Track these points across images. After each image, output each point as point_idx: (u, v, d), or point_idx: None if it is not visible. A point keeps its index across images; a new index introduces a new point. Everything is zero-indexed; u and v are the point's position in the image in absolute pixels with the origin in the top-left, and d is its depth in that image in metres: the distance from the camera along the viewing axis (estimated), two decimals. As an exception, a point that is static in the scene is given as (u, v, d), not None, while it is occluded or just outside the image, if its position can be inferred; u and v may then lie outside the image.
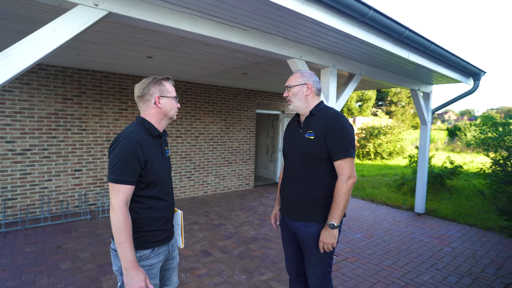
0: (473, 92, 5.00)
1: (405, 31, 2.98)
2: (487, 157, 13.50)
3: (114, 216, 1.31)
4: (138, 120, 1.50)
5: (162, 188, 1.49)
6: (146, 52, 3.64)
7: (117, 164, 1.33)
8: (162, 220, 1.50)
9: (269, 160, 8.46)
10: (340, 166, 1.65)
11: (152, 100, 1.48)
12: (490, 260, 3.59)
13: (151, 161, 1.41)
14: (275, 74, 4.94)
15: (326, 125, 1.69)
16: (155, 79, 1.49)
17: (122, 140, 1.36)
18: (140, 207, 1.43)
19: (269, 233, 4.26)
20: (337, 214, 1.62)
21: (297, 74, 1.83)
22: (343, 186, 1.62)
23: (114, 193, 1.32)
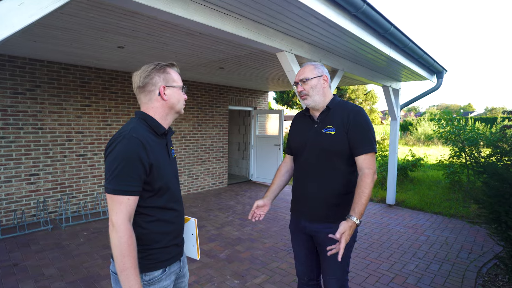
0: (437, 89, 5.33)
1: (391, 28, 3.02)
2: (436, 149, 14.65)
3: (115, 235, 1.06)
4: (139, 115, 1.25)
5: (171, 195, 1.26)
6: (118, 41, 3.28)
7: (116, 170, 1.08)
8: (172, 234, 1.27)
9: (241, 158, 8.32)
10: (364, 160, 1.57)
11: (156, 91, 1.24)
12: (461, 246, 3.85)
13: (158, 164, 1.18)
14: (252, 69, 4.80)
15: (348, 119, 1.59)
16: (158, 65, 1.26)
17: (121, 141, 1.11)
18: (147, 221, 1.19)
19: (253, 232, 4.14)
20: (362, 209, 1.49)
21: (310, 66, 1.70)
22: (368, 181, 1.53)
23: (114, 207, 1.07)
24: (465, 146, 6.33)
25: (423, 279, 2.97)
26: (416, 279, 2.96)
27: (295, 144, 1.79)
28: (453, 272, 3.13)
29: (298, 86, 1.69)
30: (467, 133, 6.41)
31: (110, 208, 1.09)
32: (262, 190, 6.75)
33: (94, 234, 3.96)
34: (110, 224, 1.09)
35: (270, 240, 3.89)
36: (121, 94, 5.12)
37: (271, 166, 7.36)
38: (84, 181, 4.79)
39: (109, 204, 1.10)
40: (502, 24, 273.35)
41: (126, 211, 1.09)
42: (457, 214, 5.12)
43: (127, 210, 1.09)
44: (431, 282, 2.91)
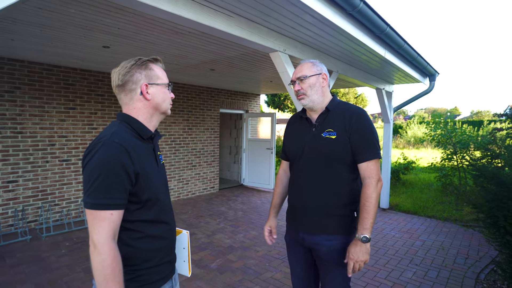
0: (429, 92, 5.31)
1: (387, 28, 2.95)
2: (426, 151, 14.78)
3: (97, 258, 0.91)
4: (121, 118, 1.10)
5: (161, 207, 1.11)
6: (103, 40, 3.11)
7: (96, 182, 0.93)
8: (164, 250, 1.12)
9: (233, 162, 8.17)
10: (368, 168, 1.44)
11: (138, 90, 1.09)
12: (457, 251, 3.78)
13: (145, 173, 1.03)
14: (245, 71, 4.68)
15: (350, 122, 1.47)
16: (139, 60, 1.11)
17: (100, 148, 0.96)
18: (134, 238, 1.03)
19: (246, 240, 3.99)
20: (369, 224, 1.40)
21: (308, 63, 1.57)
22: (374, 191, 1.41)
23: (95, 224, 0.93)
24: (456, 149, 6.34)
25: (422, 287, 2.87)
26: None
27: (291, 149, 1.65)
28: (451, 279, 3.04)
29: (295, 85, 1.56)
30: (458, 135, 6.43)
31: (90, 226, 0.94)
32: (255, 195, 6.61)
33: (77, 244, 3.74)
34: (91, 245, 0.93)
35: (263, 248, 3.74)
36: (107, 96, 4.92)
37: (263, 170, 7.23)
38: (68, 187, 4.56)
39: (89, 221, 0.94)
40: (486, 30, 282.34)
41: (110, 229, 0.93)
42: (451, 218, 5.08)
43: (111, 227, 0.94)
44: (431, 291, 2.81)
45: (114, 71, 1.11)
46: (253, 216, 5.06)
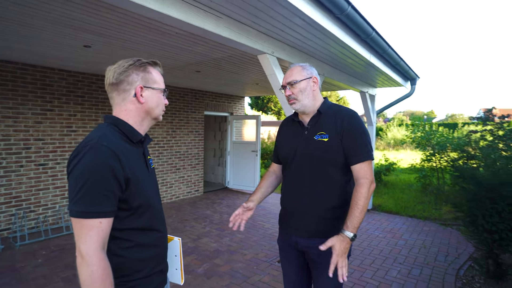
0: (411, 95, 5.49)
1: (372, 32, 3.01)
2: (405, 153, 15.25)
3: (85, 270, 0.85)
4: (110, 120, 1.05)
5: (153, 213, 1.06)
6: (84, 40, 2.99)
7: (83, 188, 0.87)
8: (156, 260, 1.07)
9: (217, 164, 8.09)
10: (361, 169, 1.45)
11: (132, 91, 1.05)
12: (438, 249, 3.90)
13: (135, 178, 0.98)
14: (231, 73, 4.65)
15: (342, 125, 1.47)
16: (138, 61, 1.07)
17: (88, 152, 0.90)
18: (124, 247, 0.98)
19: (232, 243, 3.94)
20: (358, 223, 1.39)
21: (298, 67, 1.56)
22: (366, 191, 1.40)
23: (83, 234, 0.87)
24: (435, 150, 6.58)
25: (407, 285, 2.94)
26: (400, 286, 2.92)
27: (283, 152, 1.63)
28: (433, 277, 3.13)
29: (286, 90, 1.55)
30: (436, 138, 6.68)
31: (77, 235, 0.88)
32: (240, 198, 6.56)
33: (55, 252, 3.56)
34: (78, 256, 0.87)
35: (250, 251, 3.71)
36: (88, 98, 4.74)
37: (248, 172, 7.20)
38: (44, 193, 4.34)
39: (75, 230, 0.88)
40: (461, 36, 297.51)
41: (98, 238, 0.88)
42: (431, 217, 5.26)
43: (100, 236, 0.88)
44: (415, 289, 2.88)
45: (109, 68, 1.07)
46: (239, 219, 5.01)
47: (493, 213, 2.88)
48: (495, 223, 2.86)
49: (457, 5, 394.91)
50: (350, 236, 1.37)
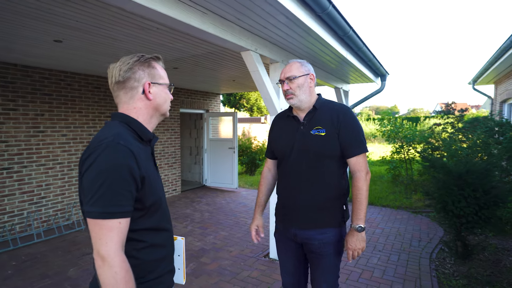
0: (381, 91, 5.75)
1: (350, 31, 3.12)
2: (373, 146, 15.97)
3: (108, 272, 0.82)
4: (119, 118, 1.01)
5: (163, 212, 1.05)
6: (55, 34, 2.80)
7: (101, 188, 0.85)
8: (166, 259, 1.06)
9: (194, 162, 7.97)
10: (357, 162, 1.52)
11: (140, 88, 1.02)
12: (411, 235, 4.16)
13: (148, 176, 0.96)
14: (209, 69, 4.59)
15: (338, 119, 1.53)
16: (142, 57, 1.04)
17: (104, 150, 0.87)
18: (138, 248, 0.96)
19: (216, 241, 3.93)
20: (363, 214, 1.50)
21: (296, 63, 1.61)
22: (364, 183, 1.50)
23: (103, 235, 0.84)
24: (403, 143, 6.97)
25: (387, 271, 3.11)
26: (381, 272, 3.09)
27: (280, 147, 1.66)
28: (410, 261, 3.34)
29: (284, 85, 1.59)
30: (404, 131, 7.07)
31: (96, 238, 0.85)
32: (219, 195, 6.53)
33: (27, 262, 3.34)
34: (97, 259, 0.84)
35: (235, 247, 3.72)
36: (56, 96, 4.45)
37: (226, 169, 7.18)
38: (10, 199, 4.04)
39: (94, 232, 0.85)
40: (419, 34, 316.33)
41: (118, 239, 0.85)
42: (402, 206, 5.58)
43: (119, 237, 0.86)
44: (395, 273, 3.06)
45: (113, 66, 1.03)
46: (220, 217, 5.00)
47: (460, 199, 3.12)
48: (463, 208, 3.11)
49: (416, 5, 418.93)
50: (356, 228, 1.51)
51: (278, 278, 2.94)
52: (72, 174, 4.67)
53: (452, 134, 6.37)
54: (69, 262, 3.30)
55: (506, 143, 4.63)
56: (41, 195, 4.32)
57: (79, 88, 4.72)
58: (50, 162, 4.41)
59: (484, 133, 5.16)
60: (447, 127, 6.79)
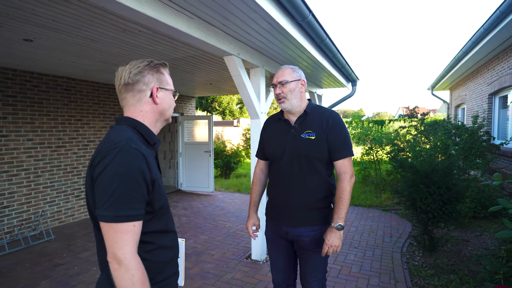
0: (352, 95, 6.05)
1: (326, 38, 3.29)
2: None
3: (125, 275, 0.83)
4: (127, 122, 1.02)
5: (169, 215, 1.08)
6: (26, 32, 2.66)
7: (116, 191, 0.85)
8: (173, 261, 1.09)
9: (168, 167, 7.81)
10: (343, 165, 1.61)
11: (148, 92, 1.04)
12: (383, 231, 4.42)
13: (158, 180, 0.99)
14: (187, 73, 4.57)
15: (327, 124, 1.62)
16: (151, 62, 1.06)
17: (118, 154, 0.88)
18: (148, 250, 0.98)
19: (197, 245, 3.90)
20: (344, 213, 1.59)
21: (288, 69, 1.69)
22: (348, 184, 1.59)
23: (118, 239, 0.85)
24: (372, 145, 7.36)
25: (364, 266, 3.29)
26: (359, 267, 3.25)
27: (271, 150, 1.74)
28: (384, 256, 3.56)
29: (276, 89, 1.67)
30: (373, 133, 7.48)
31: (111, 241, 0.85)
32: (195, 199, 6.46)
33: None
34: (113, 262, 0.85)
35: (217, 250, 3.72)
36: (21, 98, 4.18)
37: (202, 173, 7.12)
38: (-31, 209, 3.71)
39: (108, 236, 0.85)
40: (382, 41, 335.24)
41: (133, 242, 0.87)
42: (373, 204, 5.89)
43: (134, 240, 0.87)
44: (371, 268, 3.24)
45: (122, 69, 1.04)
46: (198, 221, 4.96)
47: (427, 196, 3.39)
48: (429, 204, 3.38)
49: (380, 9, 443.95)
50: (335, 226, 1.58)
51: (262, 279, 2.99)
52: (39, 181, 4.39)
53: (415, 136, 6.85)
54: (40, 275, 3.11)
55: (463, 144, 5.09)
56: (4, 204, 4.02)
57: (47, 89, 4.46)
58: (14, 169, 4.12)
59: (444, 135, 5.63)
60: (411, 130, 7.30)
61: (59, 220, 4.69)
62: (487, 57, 5.46)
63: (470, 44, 4.96)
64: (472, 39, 4.78)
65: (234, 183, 8.13)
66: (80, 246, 3.85)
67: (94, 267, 3.28)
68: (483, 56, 5.35)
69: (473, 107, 7.01)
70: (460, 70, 6.70)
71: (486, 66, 5.94)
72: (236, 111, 27.12)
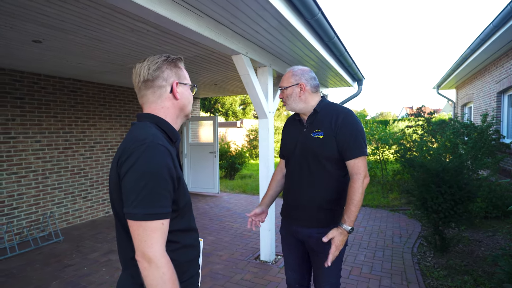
0: (358, 95, 6.01)
1: (334, 37, 3.26)
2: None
3: (156, 273, 0.82)
4: (149, 119, 1.00)
5: (191, 213, 1.07)
6: (34, 34, 2.66)
7: (145, 189, 0.84)
8: (196, 260, 1.07)
9: (173, 168, 7.80)
10: (355, 165, 1.52)
11: (168, 88, 1.02)
12: (392, 232, 4.37)
13: (182, 177, 0.97)
14: (192, 73, 4.56)
15: (336, 122, 1.56)
16: (169, 57, 1.04)
17: (145, 151, 0.87)
18: (173, 249, 0.95)
19: (205, 246, 3.88)
20: (354, 216, 1.48)
21: (289, 73, 1.69)
22: (360, 186, 1.49)
23: (148, 237, 0.83)
24: (378, 144, 7.30)
25: (375, 266, 3.24)
26: (369, 268, 3.21)
27: (286, 148, 1.75)
28: (394, 256, 3.51)
29: (280, 93, 1.71)
30: (379, 133, 7.42)
31: (140, 240, 0.84)
32: (201, 201, 6.45)
33: (1, 278, 3.10)
34: (142, 261, 0.83)
35: (225, 251, 3.70)
36: (29, 100, 4.20)
37: (207, 174, 7.10)
38: (-22, 211, 3.73)
39: (137, 234, 0.84)
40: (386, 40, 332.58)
41: (163, 240, 0.86)
42: (380, 205, 5.83)
43: (163, 238, 0.86)
44: (382, 268, 3.19)
45: (140, 65, 1.02)
46: (205, 222, 4.94)
47: (438, 195, 3.34)
48: (440, 204, 3.33)
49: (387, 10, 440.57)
50: (347, 229, 1.49)
51: (272, 280, 2.96)
52: (47, 182, 4.40)
53: (422, 135, 6.78)
54: (50, 276, 3.10)
55: (472, 143, 5.02)
56: (13, 205, 4.03)
57: (54, 91, 4.48)
58: (23, 170, 4.13)
59: (453, 134, 5.56)
60: (417, 129, 7.22)
61: (67, 221, 4.69)
62: (496, 55, 5.39)
63: (478, 41, 4.90)
64: (480, 36, 4.72)
65: (239, 184, 8.11)
66: (89, 247, 3.84)
67: (103, 268, 3.27)
68: (492, 53, 5.28)
69: (480, 106, 6.93)
70: (467, 68, 6.63)
71: (494, 64, 5.87)
72: (239, 112, 27.13)
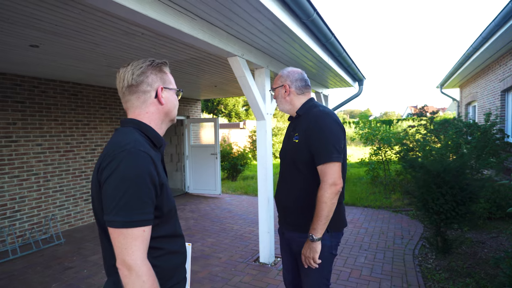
0: (359, 95, 5.97)
1: (331, 37, 3.23)
2: (350, 148, 16.43)
3: (135, 281, 0.81)
4: (133, 124, 0.99)
5: (176, 219, 1.05)
6: (30, 38, 2.68)
7: (125, 196, 0.83)
8: (182, 266, 1.06)
9: (175, 170, 7.82)
10: (321, 171, 1.44)
11: (153, 93, 1.01)
12: (394, 233, 4.32)
13: (165, 183, 0.96)
14: (191, 75, 4.56)
15: (308, 125, 1.52)
16: (153, 62, 1.03)
17: (126, 157, 0.86)
18: (156, 256, 0.94)
19: (204, 248, 3.87)
20: (318, 225, 1.42)
21: (278, 75, 1.72)
22: (323, 194, 1.40)
23: (128, 245, 0.82)
24: (381, 145, 7.24)
25: (375, 268, 3.21)
26: (369, 270, 3.17)
27: (280, 152, 1.77)
28: (395, 258, 3.47)
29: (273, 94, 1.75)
30: (381, 133, 7.36)
31: (120, 247, 0.82)
32: (202, 202, 6.45)
33: (3, 280, 3.12)
34: (122, 269, 0.82)
35: (224, 253, 3.69)
36: (29, 103, 4.23)
37: (208, 176, 7.11)
38: (-20, 214, 3.76)
39: (118, 242, 0.83)
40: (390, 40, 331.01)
41: (144, 247, 0.85)
42: (382, 205, 5.78)
43: (144, 245, 0.85)
44: (382, 271, 3.16)
45: (123, 70, 1.01)
46: (206, 224, 4.93)
47: (439, 196, 3.29)
48: (442, 205, 3.28)
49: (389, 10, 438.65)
50: (309, 236, 1.48)
51: (271, 282, 2.94)
52: (48, 185, 4.43)
53: (425, 135, 6.71)
54: (51, 278, 3.12)
55: (475, 143, 4.95)
56: (15, 208, 4.06)
57: (54, 95, 4.51)
58: (24, 173, 4.16)
59: (455, 134, 5.49)
60: (420, 129, 7.15)
61: (68, 223, 4.72)
62: (498, 53, 5.32)
63: (480, 40, 4.84)
64: (482, 34, 4.66)
65: (241, 185, 8.10)
66: (89, 250, 3.86)
67: (103, 270, 3.28)
68: (494, 52, 5.21)
69: (484, 105, 6.84)
70: (471, 67, 6.55)
71: (497, 62, 5.79)
72: (242, 113, 27.14)
